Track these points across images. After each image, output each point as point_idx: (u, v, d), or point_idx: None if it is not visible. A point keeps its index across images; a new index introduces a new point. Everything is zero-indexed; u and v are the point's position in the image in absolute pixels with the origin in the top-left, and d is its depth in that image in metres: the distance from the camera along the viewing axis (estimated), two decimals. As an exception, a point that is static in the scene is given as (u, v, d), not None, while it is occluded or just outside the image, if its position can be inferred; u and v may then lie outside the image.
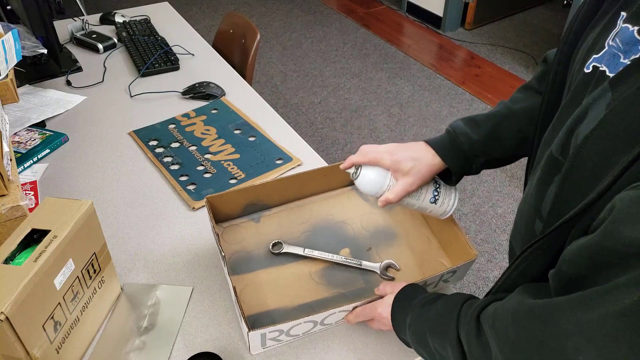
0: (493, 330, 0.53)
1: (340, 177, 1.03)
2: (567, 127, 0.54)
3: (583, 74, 0.55)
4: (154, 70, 1.54)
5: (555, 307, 0.46)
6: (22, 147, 1.21)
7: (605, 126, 0.47)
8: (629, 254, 0.40)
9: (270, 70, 3.32)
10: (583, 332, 0.43)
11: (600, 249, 0.43)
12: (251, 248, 0.94)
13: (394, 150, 0.80)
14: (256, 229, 0.97)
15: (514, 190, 2.38)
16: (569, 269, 0.47)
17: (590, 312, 0.42)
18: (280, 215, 0.99)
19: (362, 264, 0.91)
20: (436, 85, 3.16)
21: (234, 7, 4.15)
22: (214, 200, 0.92)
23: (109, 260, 0.84)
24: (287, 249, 0.92)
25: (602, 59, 0.53)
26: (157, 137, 1.27)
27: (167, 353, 0.80)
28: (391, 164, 0.79)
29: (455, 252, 0.91)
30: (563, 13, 3.98)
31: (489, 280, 1.96)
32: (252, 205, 0.98)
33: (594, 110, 0.50)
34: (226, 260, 0.81)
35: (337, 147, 2.65)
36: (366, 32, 3.79)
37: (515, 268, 0.57)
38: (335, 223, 0.99)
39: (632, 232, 0.39)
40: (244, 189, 0.94)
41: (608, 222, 0.42)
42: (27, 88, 1.45)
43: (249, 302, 0.85)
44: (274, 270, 0.90)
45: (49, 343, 0.69)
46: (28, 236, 0.71)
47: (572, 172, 0.51)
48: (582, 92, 0.55)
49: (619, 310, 0.40)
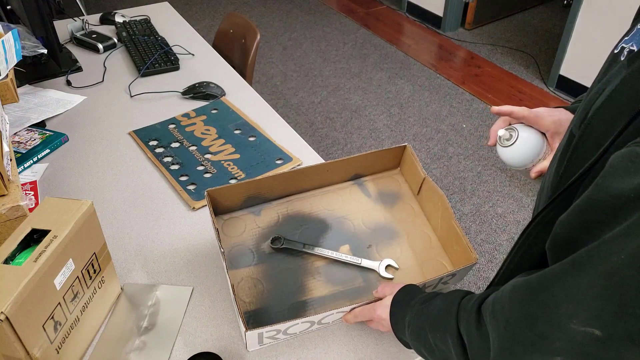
0: (492, 315, 0.52)
1: (342, 171, 1.03)
2: (586, 103, 0.54)
3: (612, 55, 0.56)
4: (154, 70, 1.54)
5: (547, 276, 0.46)
6: (22, 147, 1.21)
7: (613, 96, 0.48)
8: (617, 206, 0.40)
9: (270, 70, 3.32)
10: (573, 297, 0.43)
11: (589, 204, 0.43)
12: (250, 242, 0.93)
13: (550, 111, 0.72)
14: (256, 222, 0.96)
15: (514, 190, 2.38)
16: (562, 231, 0.47)
17: (579, 276, 0.42)
18: (281, 208, 0.99)
19: (362, 262, 0.90)
20: (436, 85, 3.16)
21: (234, 7, 4.15)
22: (214, 193, 0.92)
23: (109, 260, 0.84)
24: (287, 244, 0.92)
25: (632, 40, 0.53)
26: (157, 137, 1.27)
27: (167, 353, 0.80)
28: (552, 125, 0.71)
29: (455, 253, 0.91)
30: (563, 13, 3.97)
31: (489, 281, 1.96)
32: (252, 198, 0.97)
33: (611, 85, 0.50)
34: (225, 256, 0.81)
35: (337, 147, 2.65)
36: (366, 32, 3.79)
37: (519, 248, 0.57)
38: (336, 218, 0.99)
39: (620, 184, 0.39)
40: (245, 183, 0.94)
41: (599, 177, 0.42)
42: (27, 88, 1.45)
43: (247, 297, 0.85)
44: (273, 265, 0.90)
45: (49, 343, 0.69)
46: (28, 236, 0.71)
47: (580, 144, 0.51)
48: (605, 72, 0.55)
49: (606, 269, 0.40)
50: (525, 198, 2.34)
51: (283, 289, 0.87)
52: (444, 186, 2.39)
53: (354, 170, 1.03)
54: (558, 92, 3.06)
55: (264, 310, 0.84)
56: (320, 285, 0.88)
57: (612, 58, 0.56)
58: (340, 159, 0.99)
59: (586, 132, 0.50)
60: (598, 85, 0.54)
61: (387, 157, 1.04)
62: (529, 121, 0.73)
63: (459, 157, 2.57)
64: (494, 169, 2.50)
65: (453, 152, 2.60)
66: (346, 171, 1.03)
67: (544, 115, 0.71)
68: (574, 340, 0.43)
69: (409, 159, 1.02)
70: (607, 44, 2.32)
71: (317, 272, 0.90)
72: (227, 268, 0.80)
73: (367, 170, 1.05)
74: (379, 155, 1.02)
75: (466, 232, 2.16)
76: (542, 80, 3.20)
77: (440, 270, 0.92)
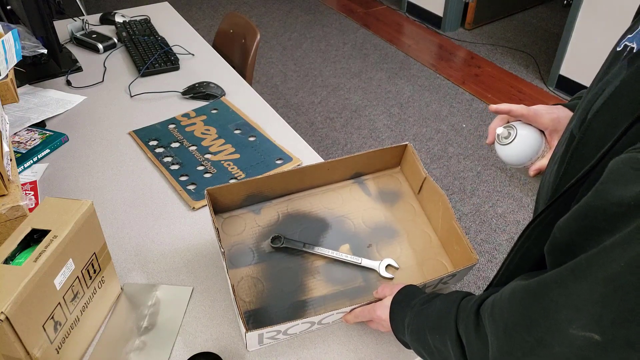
0: (491, 318, 0.52)
1: (343, 170, 1.03)
2: (586, 103, 0.54)
3: (613, 52, 0.55)
4: (154, 70, 1.54)
5: (547, 281, 0.46)
6: (22, 147, 1.21)
7: (614, 98, 0.47)
8: (617, 214, 0.40)
9: (270, 70, 3.32)
10: (573, 302, 0.43)
11: (589, 210, 0.42)
12: (250, 241, 0.93)
13: (549, 109, 0.71)
14: (256, 221, 0.96)
15: (514, 190, 2.38)
16: (561, 236, 0.47)
17: (579, 282, 0.42)
18: (281, 207, 0.99)
19: (362, 262, 0.90)
20: (436, 85, 3.16)
21: (234, 7, 4.15)
22: (214, 192, 0.92)
23: (109, 260, 0.84)
24: (287, 243, 0.92)
25: (635, 38, 0.53)
26: (157, 137, 1.27)
27: (167, 353, 0.80)
28: (550, 123, 0.69)
29: (456, 253, 0.91)
30: (563, 13, 3.97)
31: (489, 280, 1.96)
32: (252, 197, 0.97)
33: (611, 86, 0.50)
34: (225, 256, 0.81)
35: (337, 147, 2.65)
36: (366, 32, 3.79)
37: (518, 249, 0.56)
38: (336, 217, 0.99)
39: (620, 191, 0.39)
40: (246, 182, 0.94)
41: (599, 183, 0.42)
42: (27, 88, 1.45)
43: (247, 296, 0.85)
44: (273, 264, 0.90)
45: (49, 343, 0.69)
46: (28, 236, 0.71)
47: (580, 146, 0.50)
48: (607, 71, 0.55)
49: (606, 276, 0.40)
50: (525, 198, 2.34)
51: (283, 289, 0.87)
52: (444, 186, 2.39)
53: (354, 168, 1.03)
54: (558, 92, 3.06)
55: (263, 310, 0.84)
56: (321, 284, 0.88)
57: (614, 55, 0.55)
58: (341, 157, 0.99)
59: (586, 134, 0.50)
60: (598, 85, 0.53)
61: (388, 155, 1.04)
62: (527, 119, 0.72)
63: (459, 157, 2.57)
64: (493, 168, 2.50)
65: (453, 152, 2.60)
66: (347, 169, 1.03)
67: (543, 113, 0.71)
68: (574, 345, 0.43)
69: (410, 157, 1.02)
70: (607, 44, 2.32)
71: (317, 271, 0.90)
72: (227, 268, 0.80)
73: (367, 169, 1.05)
74: (379, 154, 1.02)
75: (466, 232, 2.16)
76: (542, 80, 3.20)
77: (440, 269, 0.91)
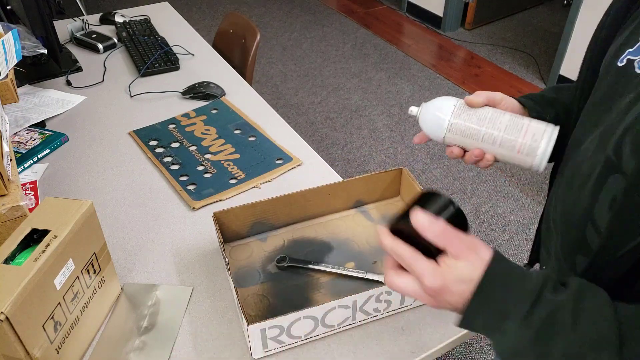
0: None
1: (344, 197, 1.04)
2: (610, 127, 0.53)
3: (616, 68, 0.55)
4: (154, 70, 1.54)
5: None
6: (22, 147, 1.21)
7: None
8: None
9: (270, 70, 3.32)
10: None
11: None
12: (257, 263, 0.94)
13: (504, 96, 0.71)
14: (263, 248, 0.98)
15: (514, 190, 2.38)
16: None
17: None
18: (286, 234, 1.00)
19: (367, 275, 0.91)
20: (436, 85, 3.16)
21: (234, 7, 4.15)
22: (221, 215, 0.93)
23: (109, 260, 0.84)
24: (292, 262, 0.93)
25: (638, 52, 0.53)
26: (157, 137, 1.27)
27: (167, 353, 0.80)
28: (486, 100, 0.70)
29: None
30: (563, 13, 3.97)
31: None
32: (258, 225, 0.99)
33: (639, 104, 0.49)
34: (226, 252, 0.81)
35: (337, 147, 2.65)
36: (366, 32, 3.79)
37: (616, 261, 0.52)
38: (341, 240, 1.00)
39: None
40: (250, 205, 0.95)
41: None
42: (27, 88, 1.45)
43: (252, 311, 0.85)
44: (279, 282, 0.91)
45: (49, 343, 0.69)
46: (28, 236, 0.71)
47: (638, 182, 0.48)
48: (616, 87, 0.54)
49: None
50: (525, 198, 2.34)
51: (289, 303, 0.87)
52: (444, 186, 2.39)
53: (355, 197, 1.04)
54: (558, 92, 3.06)
55: None
56: (326, 298, 0.88)
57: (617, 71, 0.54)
58: (340, 181, 1.01)
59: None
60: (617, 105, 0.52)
61: (386, 182, 1.05)
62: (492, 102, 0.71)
63: (459, 157, 2.57)
64: (493, 169, 2.50)
65: (453, 152, 2.60)
66: (348, 197, 1.04)
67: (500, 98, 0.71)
68: None
69: (407, 182, 1.03)
70: (607, 44, 2.32)
71: (322, 286, 0.90)
72: (227, 268, 0.80)
73: (368, 198, 1.06)
74: (377, 179, 1.04)
75: (466, 232, 2.16)
76: (542, 80, 3.20)
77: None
